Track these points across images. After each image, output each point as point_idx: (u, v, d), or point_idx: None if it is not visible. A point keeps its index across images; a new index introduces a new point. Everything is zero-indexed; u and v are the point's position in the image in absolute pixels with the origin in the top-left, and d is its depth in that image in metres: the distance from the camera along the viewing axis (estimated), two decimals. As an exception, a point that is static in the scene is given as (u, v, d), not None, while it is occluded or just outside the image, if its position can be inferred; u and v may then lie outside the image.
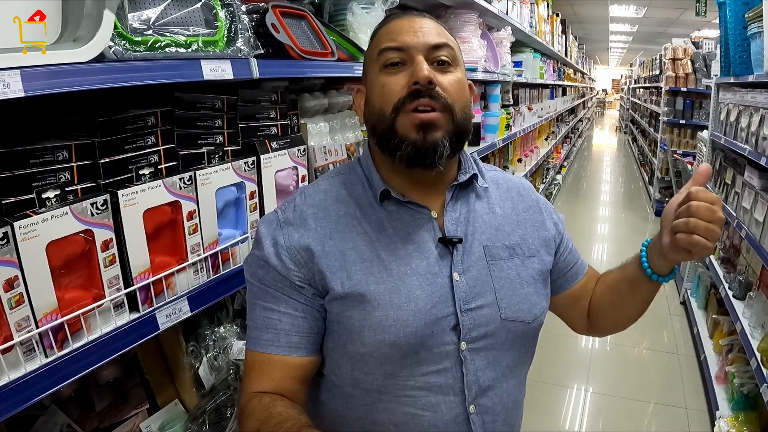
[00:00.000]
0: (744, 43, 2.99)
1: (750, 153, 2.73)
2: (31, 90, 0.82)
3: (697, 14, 6.39)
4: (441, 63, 0.96)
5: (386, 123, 0.95)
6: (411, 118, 0.93)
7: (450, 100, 0.94)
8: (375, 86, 0.98)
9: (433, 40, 0.96)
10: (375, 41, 1.01)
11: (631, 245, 6.13)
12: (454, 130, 0.96)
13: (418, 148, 0.93)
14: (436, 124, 0.93)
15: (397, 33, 0.97)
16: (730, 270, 3.38)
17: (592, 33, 14.51)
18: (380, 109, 0.96)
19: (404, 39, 0.96)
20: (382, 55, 0.97)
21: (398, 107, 0.93)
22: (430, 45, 0.95)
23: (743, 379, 2.74)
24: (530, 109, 5.32)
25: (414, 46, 0.95)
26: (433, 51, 0.96)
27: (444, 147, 0.94)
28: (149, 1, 1.11)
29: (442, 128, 0.94)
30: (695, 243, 0.89)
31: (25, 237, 0.88)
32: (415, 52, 0.95)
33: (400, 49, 0.95)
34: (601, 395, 3.25)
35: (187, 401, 1.38)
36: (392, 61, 0.96)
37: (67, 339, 0.98)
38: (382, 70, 0.97)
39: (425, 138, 0.93)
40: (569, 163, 10.92)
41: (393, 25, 0.99)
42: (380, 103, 0.96)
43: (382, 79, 0.96)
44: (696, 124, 6.76)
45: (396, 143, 0.94)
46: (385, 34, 0.98)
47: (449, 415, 0.97)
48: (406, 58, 0.95)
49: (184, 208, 1.19)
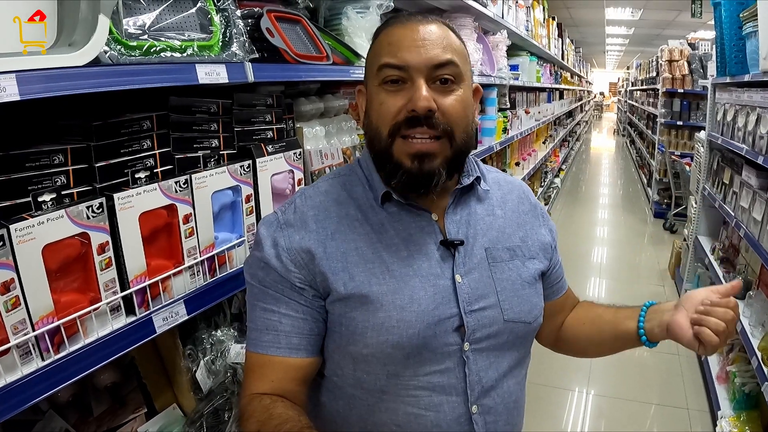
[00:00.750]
0: (739, 42, 3.00)
1: (747, 152, 2.73)
2: (27, 93, 0.82)
3: (693, 15, 6.43)
4: (444, 81, 0.93)
5: (383, 145, 0.94)
6: (407, 146, 0.92)
7: (450, 126, 0.92)
8: (374, 101, 0.96)
9: (437, 57, 0.91)
10: (376, 48, 0.97)
11: (630, 247, 6.15)
12: (452, 155, 0.95)
13: (414, 175, 0.93)
14: (433, 153, 0.92)
15: (399, 47, 0.92)
16: (730, 269, 3.38)
17: (589, 36, 14.56)
18: (377, 128, 0.95)
19: (405, 56, 0.91)
20: (382, 70, 0.93)
21: (394, 132, 0.92)
22: (432, 64, 0.91)
23: (744, 379, 2.74)
24: (527, 113, 5.33)
25: (415, 65, 0.91)
26: (435, 70, 0.92)
27: (440, 175, 0.94)
28: (144, 7, 1.12)
29: (440, 156, 0.93)
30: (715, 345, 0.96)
31: (21, 240, 0.88)
32: (416, 74, 0.91)
33: (399, 68, 0.91)
34: (603, 397, 3.24)
35: (184, 405, 1.38)
36: (391, 78, 0.92)
37: (63, 342, 0.98)
38: (381, 86, 0.94)
39: (421, 167, 0.92)
40: (567, 167, 10.93)
41: (395, 34, 0.94)
42: (377, 121, 0.95)
43: (381, 96, 0.94)
44: (693, 125, 6.79)
45: (392, 168, 0.94)
46: (387, 45, 0.94)
47: (452, 415, 0.97)
48: (406, 77, 0.92)
49: (180, 212, 1.20)
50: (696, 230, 4.21)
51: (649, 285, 4.97)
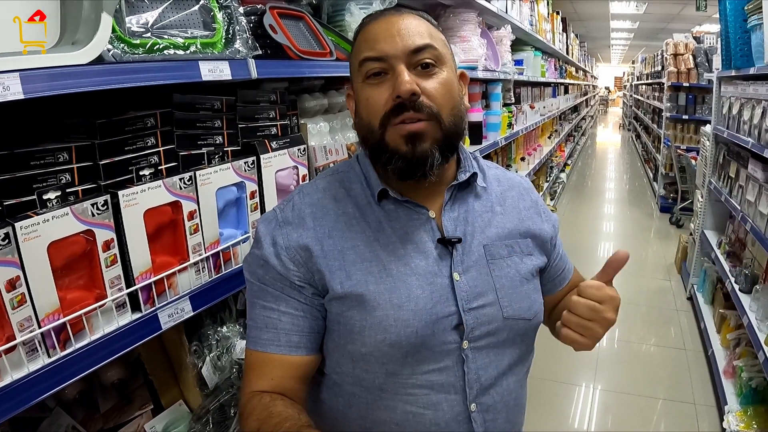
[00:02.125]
0: (744, 35, 2.98)
1: (753, 146, 2.72)
2: (30, 92, 0.83)
3: (698, 9, 6.39)
4: (425, 66, 0.93)
5: (376, 137, 0.94)
6: (398, 130, 0.92)
7: (436, 107, 0.92)
8: (360, 98, 0.96)
9: (414, 42, 0.92)
10: (355, 49, 0.98)
11: (636, 242, 6.13)
12: (443, 137, 0.94)
13: (409, 160, 0.92)
14: (423, 134, 0.92)
15: (375, 40, 0.93)
16: (736, 264, 3.37)
17: (593, 30, 14.49)
18: (368, 123, 0.95)
19: (382, 47, 0.92)
20: (363, 65, 0.94)
21: (384, 122, 0.92)
22: (409, 50, 0.92)
23: (751, 373, 2.72)
24: (532, 108, 5.31)
25: (393, 54, 0.91)
26: (414, 55, 0.92)
27: (434, 156, 0.93)
28: (147, 5, 1.12)
29: (430, 138, 0.93)
30: (565, 336, 0.96)
31: (27, 237, 0.89)
32: (395, 61, 0.91)
33: (379, 59, 0.92)
34: (609, 392, 3.23)
35: (190, 401, 1.39)
36: (374, 71, 0.93)
37: (69, 339, 0.98)
38: (365, 81, 0.95)
39: (414, 150, 0.92)
40: (573, 161, 10.89)
41: (371, 31, 0.95)
42: (367, 116, 0.95)
43: (366, 91, 0.95)
44: (699, 119, 6.75)
45: (387, 157, 0.94)
46: (364, 42, 0.95)
47: (450, 414, 0.97)
48: (386, 67, 0.92)
49: (185, 208, 1.20)
50: (702, 224, 4.20)
51: (655, 280, 4.95)
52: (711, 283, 3.91)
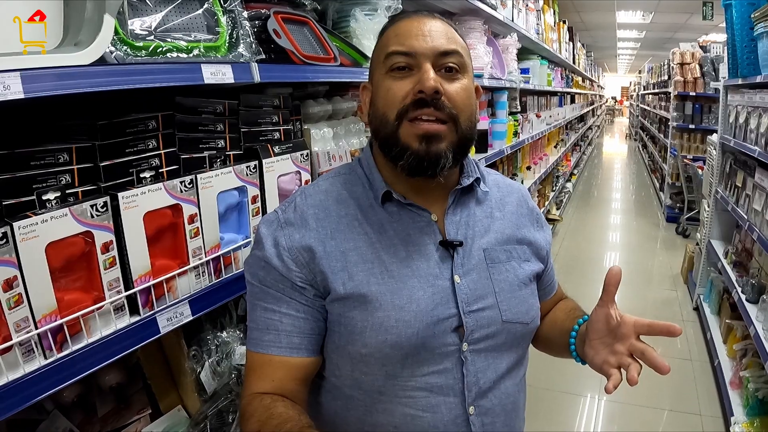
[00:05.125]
0: (751, 44, 2.98)
1: (760, 154, 2.70)
2: (31, 92, 0.83)
3: (704, 18, 6.39)
4: (449, 70, 0.95)
5: (389, 129, 0.95)
6: (414, 128, 0.93)
7: (455, 110, 0.94)
8: (380, 89, 0.97)
9: (443, 46, 0.95)
10: (383, 41, 1.00)
11: (642, 252, 6.09)
12: (458, 140, 0.96)
13: (421, 158, 0.93)
14: (440, 135, 0.93)
15: (406, 36, 0.95)
16: (743, 274, 3.33)
17: (600, 40, 14.50)
18: (384, 114, 0.95)
19: (412, 43, 0.94)
20: (389, 58, 0.95)
21: (402, 114, 0.93)
22: (438, 51, 0.94)
23: (758, 384, 2.69)
24: (538, 116, 5.30)
25: (422, 51, 0.94)
26: (441, 57, 0.94)
27: (447, 158, 0.94)
28: (151, 8, 1.12)
29: (446, 139, 0.94)
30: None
31: (25, 237, 0.88)
32: (423, 59, 0.93)
33: (407, 54, 0.94)
34: (615, 403, 3.20)
35: (189, 406, 1.37)
36: (399, 65, 0.95)
37: (66, 341, 0.98)
38: (388, 73, 0.96)
39: (428, 149, 0.93)
40: (579, 171, 10.86)
41: (402, 26, 0.97)
42: (384, 107, 0.95)
43: (387, 82, 0.95)
44: (705, 128, 6.71)
45: (398, 152, 0.94)
46: (394, 36, 0.97)
47: (449, 416, 0.97)
48: (413, 63, 0.94)
49: (185, 212, 1.20)
50: (709, 234, 4.16)
51: (661, 290, 4.91)
52: (717, 293, 3.88)
